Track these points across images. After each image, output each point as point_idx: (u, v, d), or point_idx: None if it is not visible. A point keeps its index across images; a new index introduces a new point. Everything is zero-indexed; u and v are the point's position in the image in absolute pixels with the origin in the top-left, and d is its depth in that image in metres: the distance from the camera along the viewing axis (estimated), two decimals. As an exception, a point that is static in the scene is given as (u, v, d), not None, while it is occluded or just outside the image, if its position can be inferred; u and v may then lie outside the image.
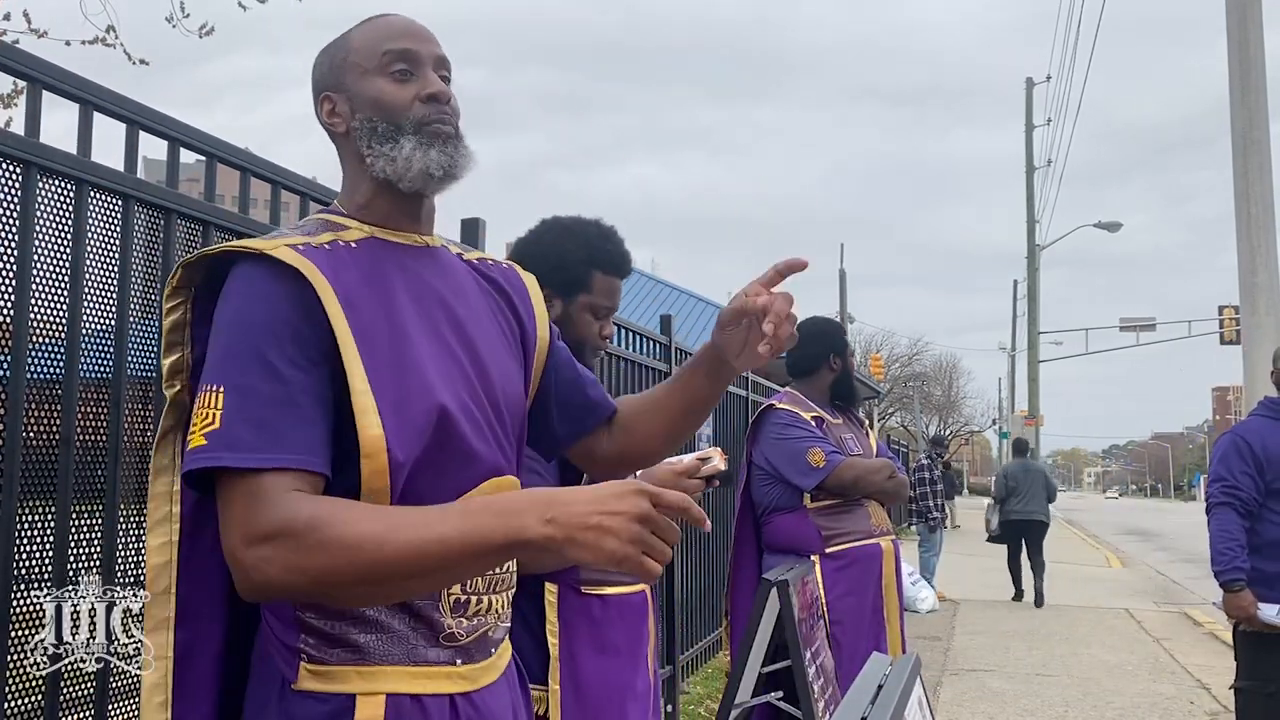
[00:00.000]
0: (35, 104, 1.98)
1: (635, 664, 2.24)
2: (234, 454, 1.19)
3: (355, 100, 1.42)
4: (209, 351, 1.27)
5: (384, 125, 1.40)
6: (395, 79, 1.41)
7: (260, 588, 1.20)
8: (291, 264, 1.28)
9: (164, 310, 1.34)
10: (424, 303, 1.39)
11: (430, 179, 1.39)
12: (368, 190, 1.43)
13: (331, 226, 1.41)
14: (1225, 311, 29.33)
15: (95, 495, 2.10)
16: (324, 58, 1.47)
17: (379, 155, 1.39)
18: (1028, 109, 34.37)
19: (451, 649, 1.34)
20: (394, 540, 1.17)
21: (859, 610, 3.60)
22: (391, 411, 1.26)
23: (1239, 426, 3.88)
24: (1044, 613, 10.52)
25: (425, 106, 1.40)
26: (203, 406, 1.23)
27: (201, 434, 1.21)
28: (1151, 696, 6.66)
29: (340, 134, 1.45)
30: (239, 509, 1.19)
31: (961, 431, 56.39)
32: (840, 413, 3.96)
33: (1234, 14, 9.37)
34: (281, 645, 1.29)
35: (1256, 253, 9.11)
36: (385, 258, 1.39)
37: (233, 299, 1.28)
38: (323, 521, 1.17)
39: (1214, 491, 3.76)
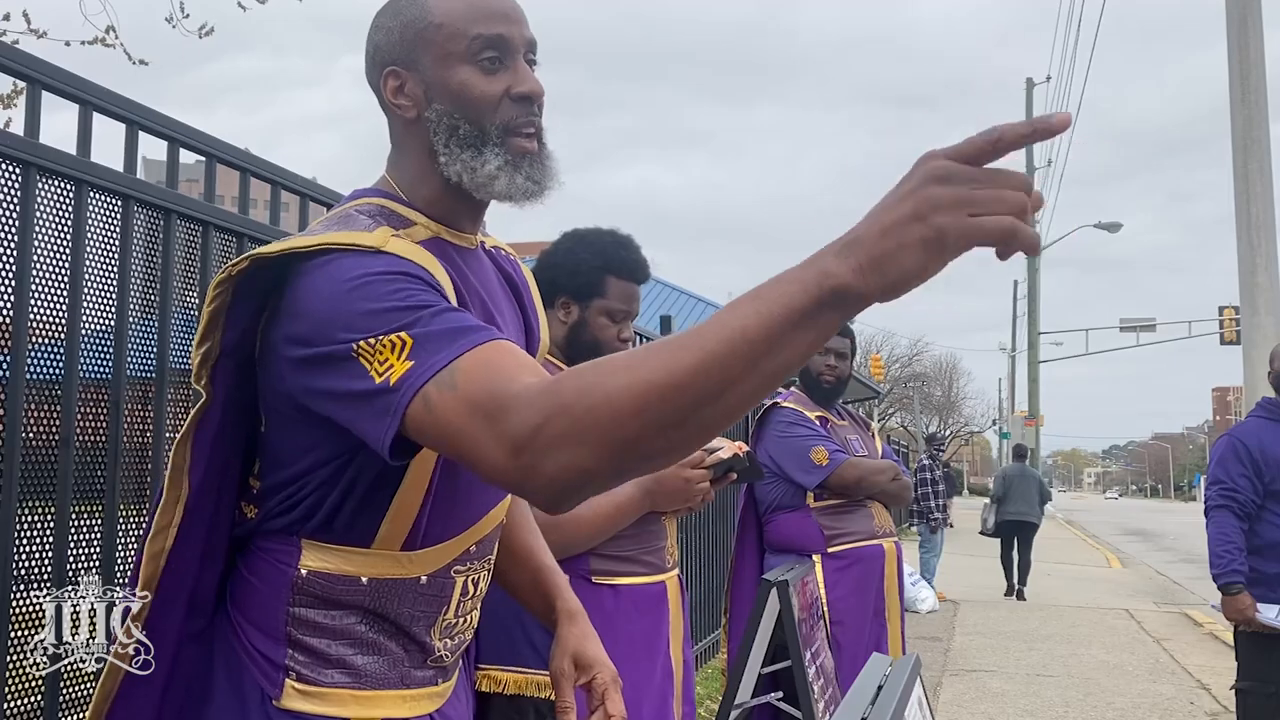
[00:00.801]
0: (35, 104, 1.98)
1: (652, 656, 2.25)
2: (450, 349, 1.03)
3: (432, 86, 1.25)
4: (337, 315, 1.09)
5: (467, 127, 1.24)
6: (484, 69, 1.24)
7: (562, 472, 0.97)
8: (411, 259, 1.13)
9: (209, 297, 1.19)
10: (476, 305, 1.28)
11: (511, 201, 1.26)
12: (436, 187, 1.28)
13: (397, 220, 1.24)
14: (1225, 312, 29.33)
15: (95, 496, 2.10)
16: (391, 21, 1.28)
17: (456, 160, 1.24)
18: (1028, 109, 34.37)
19: (434, 669, 1.32)
20: (686, 363, 0.91)
21: (860, 611, 3.60)
22: None
23: (1236, 429, 3.89)
24: (1044, 613, 10.52)
25: (515, 107, 1.24)
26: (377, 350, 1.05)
27: (404, 359, 1.03)
28: (1151, 697, 6.66)
29: (408, 119, 1.27)
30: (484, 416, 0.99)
31: (961, 432, 56.41)
32: (846, 414, 3.95)
33: (1234, 16, 9.37)
34: (261, 657, 1.23)
35: (1257, 253, 9.11)
36: (450, 260, 1.25)
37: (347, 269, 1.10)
38: (586, 370, 0.97)
39: (1212, 494, 3.76)
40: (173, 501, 1.23)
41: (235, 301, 1.19)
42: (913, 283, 0.88)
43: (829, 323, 0.90)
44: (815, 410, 3.76)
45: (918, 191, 0.86)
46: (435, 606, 1.29)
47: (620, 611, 2.18)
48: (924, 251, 0.86)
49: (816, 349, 0.95)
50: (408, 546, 1.25)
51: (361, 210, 1.24)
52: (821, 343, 0.94)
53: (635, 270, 2.31)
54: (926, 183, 0.86)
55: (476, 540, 1.34)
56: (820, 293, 0.88)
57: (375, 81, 1.30)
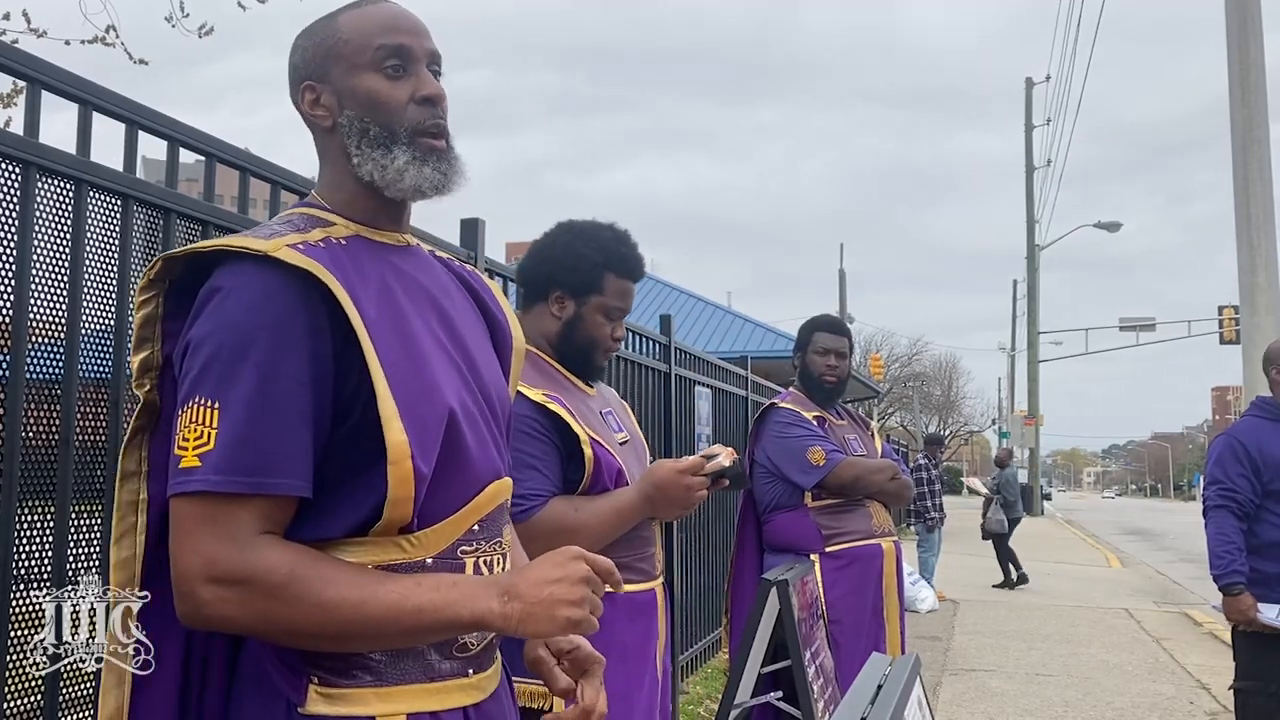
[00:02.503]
0: (34, 104, 1.98)
1: (643, 663, 2.24)
2: (223, 476, 1.15)
3: (343, 95, 1.34)
4: (200, 357, 1.19)
5: (376, 129, 1.33)
6: (388, 76, 1.33)
7: (209, 623, 1.17)
8: (300, 266, 1.21)
9: (136, 304, 1.28)
10: (417, 302, 1.34)
11: (421, 194, 1.35)
12: (352, 189, 1.36)
13: (319, 222, 1.33)
14: (1225, 311, 29.37)
15: (94, 495, 2.10)
16: (306, 41, 1.38)
17: (368, 159, 1.33)
18: (1027, 109, 34.38)
19: (464, 659, 1.32)
20: (370, 607, 1.17)
21: (858, 610, 3.60)
22: (408, 416, 1.22)
23: (1234, 428, 3.87)
24: (1043, 613, 10.52)
25: (420, 110, 1.34)
26: (196, 422, 1.16)
27: (195, 453, 1.15)
28: (1151, 696, 6.66)
29: (325, 128, 1.36)
30: (212, 541, 1.15)
31: (961, 432, 56.40)
32: (845, 414, 3.95)
33: (1234, 15, 9.37)
34: (282, 665, 1.24)
35: (1256, 253, 9.11)
36: (375, 257, 1.33)
37: (229, 300, 1.20)
38: (302, 579, 1.16)
39: (1210, 494, 3.74)
40: (129, 507, 1.26)
41: (171, 311, 1.28)
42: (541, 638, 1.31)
43: (469, 630, 1.25)
44: (813, 410, 3.76)
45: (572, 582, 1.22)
46: None
47: (614, 619, 2.18)
48: (564, 627, 1.21)
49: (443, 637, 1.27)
50: (405, 530, 1.26)
51: (284, 218, 1.35)
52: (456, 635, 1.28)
53: (634, 268, 2.30)
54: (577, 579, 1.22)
55: (478, 519, 1.34)
56: (477, 619, 1.21)
57: (295, 97, 1.38)
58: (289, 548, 1.18)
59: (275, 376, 1.18)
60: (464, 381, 1.35)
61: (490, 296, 1.54)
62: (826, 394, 3.79)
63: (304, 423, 1.19)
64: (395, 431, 1.20)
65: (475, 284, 1.53)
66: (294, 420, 1.18)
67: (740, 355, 8.69)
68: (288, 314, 1.20)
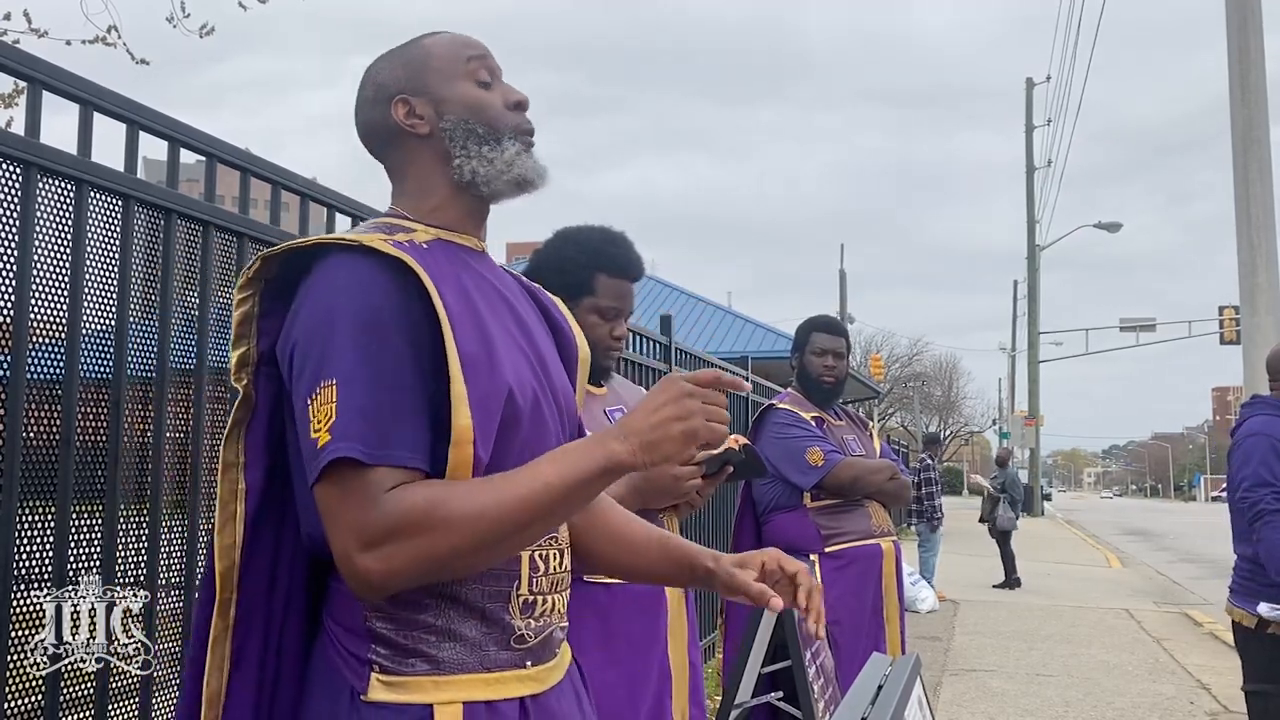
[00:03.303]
0: (35, 104, 1.98)
1: (647, 656, 2.24)
2: (350, 444, 1.20)
3: (441, 103, 1.42)
4: (313, 345, 1.25)
5: (483, 129, 1.41)
6: (481, 85, 1.44)
7: (383, 585, 1.22)
8: (394, 255, 1.27)
9: (235, 302, 1.34)
10: (491, 300, 1.39)
11: (522, 185, 1.43)
12: (444, 193, 1.43)
13: (400, 229, 1.39)
14: (1225, 312, 29.36)
15: (95, 496, 2.10)
16: (393, 62, 1.46)
17: (474, 156, 1.41)
18: (1028, 109, 34.35)
19: (521, 651, 1.34)
20: (506, 500, 1.23)
21: (858, 610, 3.60)
22: (476, 403, 1.27)
23: (1260, 426, 3.63)
24: (1044, 613, 10.53)
25: (515, 114, 1.45)
26: (322, 404, 1.23)
27: (325, 430, 1.21)
28: (1152, 696, 6.66)
29: (421, 135, 1.42)
30: (353, 509, 1.21)
31: (961, 432, 56.40)
32: (843, 414, 3.95)
33: (1234, 16, 9.38)
34: (349, 655, 1.28)
35: (1256, 253, 9.12)
36: (454, 258, 1.39)
37: (331, 289, 1.27)
38: (440, 502, 1.21)
39: (1264, 496, 3.51)
40: (230, 495, 1.33)
41: (267, 309, 1.34)
42: (669, 461, 1.28)
43: (606, 483, 1.28)
44: (811, 411, 3.76)
45: (677, 401, 1.26)
46: (506, 582, 1.33)
47: (615, 610, 2.18)
48: (681, 441, 1.26)
49: (593, 499, 1.36)
50: None
51: (367, 226, 1.42)
52: (599, 493, 1.32)
53: (626, 267, 2.29)
54: (680, 396, 1.26)
55: None
56: (606, 463, 1.26)
57: (381, 115, 1.44)
58: (419, 484, 1.23)
59: (383, 354, 1.24)
60: (534, 374, 1.39)
61: (555, 307, 1.60)
62: (825, 394, 3.79)
63: (414, 400, 1.25)
64: (462, 415, 1.25)
65: (540, 295, 1.60)
66: (404, 396, 1.24)
67: (740, 355, 8.69)
68: (387, 298, 1.26)
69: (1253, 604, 3.62)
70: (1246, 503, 3.58)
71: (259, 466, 1.33)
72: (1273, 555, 3.50)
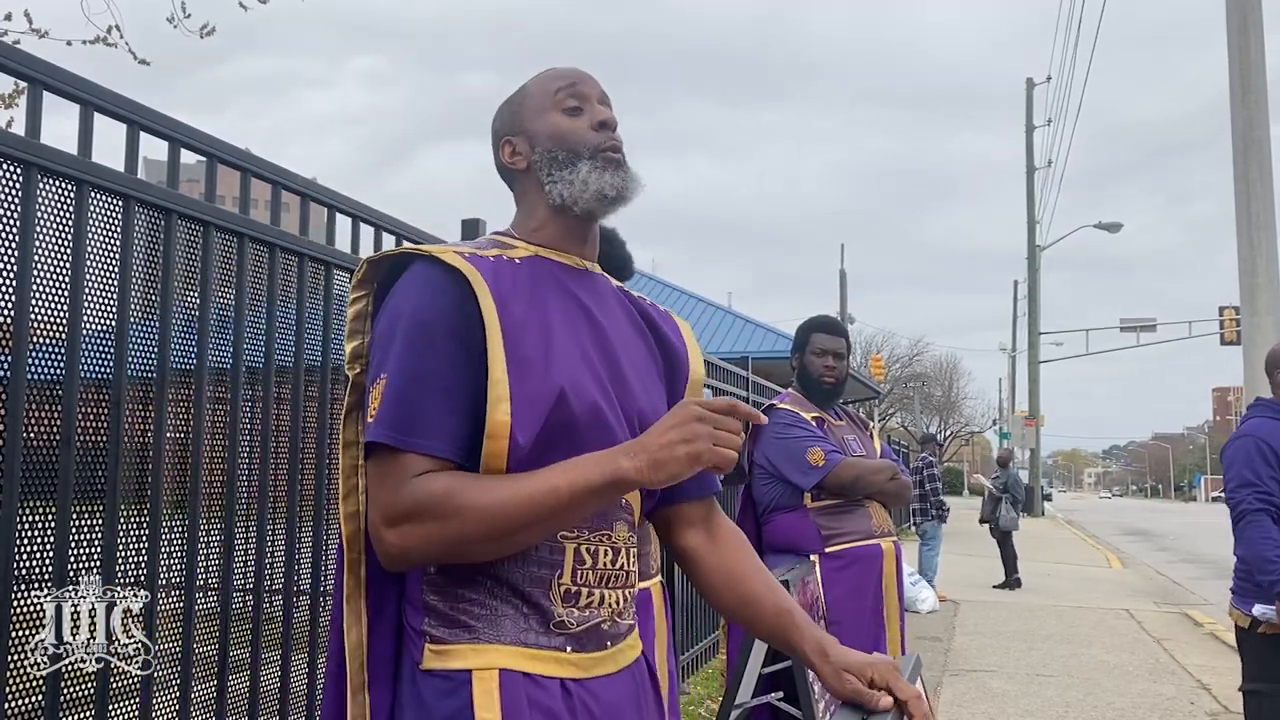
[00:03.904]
0: (36, 105, 1.98)
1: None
2: (384, 430, 1.35)
3: (534, 137, 1.57)
4: (379, 342, 1.42)
5: (563, 154, 1.54)
6: (569, 114, 1.57)
7: (400, 558, 1.36)
8: (454, 265, 1.41)
9: (350, 300, 1.51)
10: (571, 315, 1.49)
11: (604, 199, 1.53)
12: (542, 215, 1.56)
13: (500, 245, 1.54)
14: (1225, 312, 29.37)
15: (96, 496, 2.10)
16: (503, 110, 1.63)
17: (558, 180, 1.54)
18: (1028, 109, 34.35)
19: (562, 636, 1.42)
20: (516, 499, 1.33)
21: (858, 610, 3.60)
22: (523, 402, 1.37)
23: (1253, 429, 3.70)
24: (1044, 613, 10.53)
25: (598, 134, 1.56)
26: (376, 394, 1.38)
27: (373, 415, 1.37)
28: (1152, 697, 6.66)
29: (521, 170, 1.58)
30: (383, 488, 1.35)
31: (962, 432, 56.41)
32: (843, 414, 3.95)
33: (1234, 17, 9.38)
34: (413, 631, 1.41)
35: (1257, 253, 9.12)
36: (545, 275, 1.51)
37: (400, 294, 1.43)
38: (455, 492, 1.33)
39: (1245, 497, 3.58)
40: (351, 470, 1.47)
41: (376, 309, 1.49)
42: (673, 480, 1.35)
43: (611, 496, 1.40)
44: (812, 411, 3.76)
45: (686, 425, 1.34)
46: (548, 570, 1.42)
47: None
48: (687, 462, 1.33)
49: (601, 507, 1.43)
50: None
51: (470, 242, 1.55)
52: (603, 506, 1.43)
53: (618, 267, 2.28)
54: (690, 420, 1.34)
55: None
56: (611, 477, 1.35)
57: (497, 156, 1.62)
58: (444, 474, 1.36)
59: (429, 354, 1.38)
60: (599, 387, 1.47)
61: (674, 331, 1.70)
62: (825, 395, 3.79)
63: (451, 396, 1.37)
64: (500, 411, 1.36)
65: (657, 318, 1.68)
66: (439, 392, 1.37)
67: (741, 355, 8.69)
68: (446, 305, 1.40)
69: (1249, 604, 3.65)
70: (1231, 503, 3.66)
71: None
72: (1253, 554, 3.57)
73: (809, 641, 1.56)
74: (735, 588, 1.62)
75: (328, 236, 2.98)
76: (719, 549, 1.64)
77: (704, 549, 1.64)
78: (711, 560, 1.63)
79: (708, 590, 1.64)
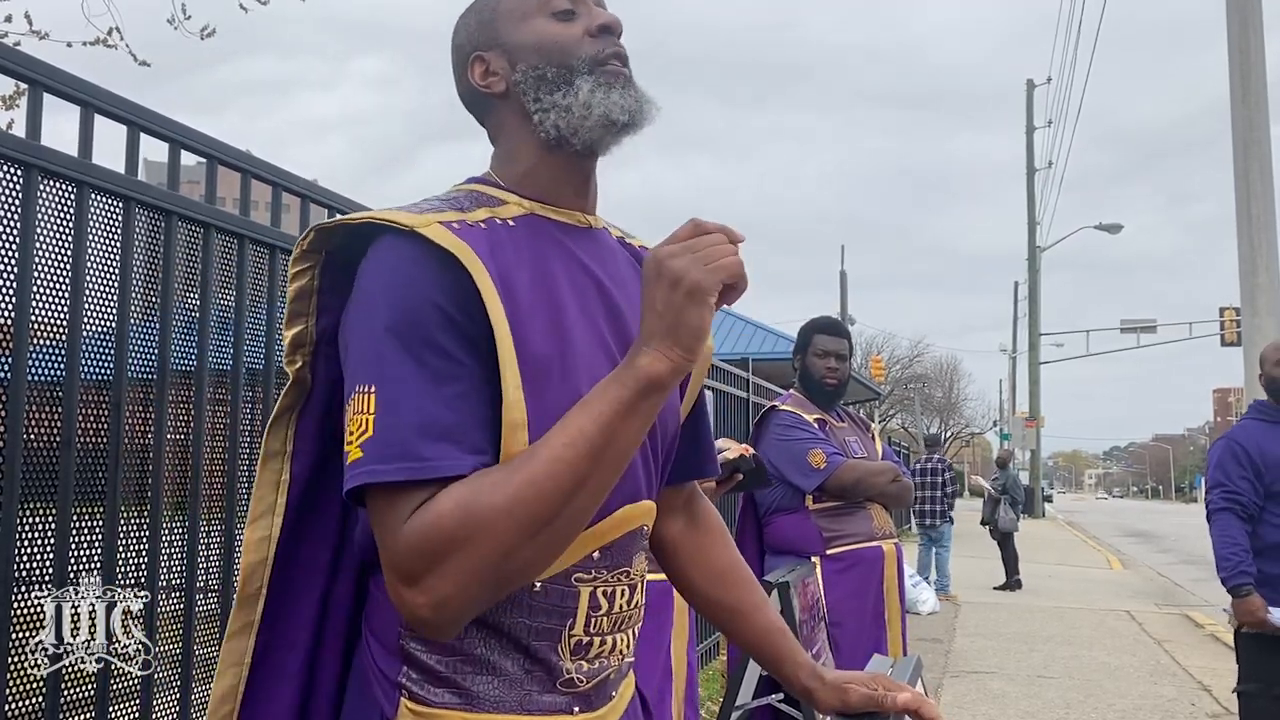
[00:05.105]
0: (36, 106, 1.98)
1: (653, 654, 2.23)
2: (389, 465, 1.04)
3: (514, 51, 1.24)
4: (352, 342, 1.12)
5: (553, 70, 1.22)
6: (558, 18, 1.24)
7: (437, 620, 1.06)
8: (446, 247, 1.10)
9: (290, 276, 1.19)
10: (581, 290, 1.21)
11: (612, 126, 1.21)
12: (530, 155, 1.24)
13: (486, 200, 1.22)
14: (1226, 313, 29.37)
15: (96, 498, 2.10)
16: (469, 19, 1.30)
17: (550, 106, 1.21)
18: (1028, 111, 34.35)
19: (569, 695, 1.18)
20: (541, 470, 1.04)
21: (859, 612, 3.60)
22: (541, 418, 1.10)
23: (1232, 431, 3.88)
24: (1045, 615, 10.52)
25: (597, 41, 1.23)
26: (358, 411, 1.07)
27: (358, 444, 1.06)
28: (1153, 699, 6.66)
29: (498, 95, 1.25)
30: (390, 535, 1.05)
31: (963, 434, 56.41)
32: (845, 416, 3.95)
33: (1234, 18, 9.38)
34: (382, 675, 1.15)
35: (1257, 254, 9.12)
36: (544, 238, 1.21)
37: (378, 280, 1.11)
38: (469, 503, 1.03)
39: (1214, 497, 3.74)
40: (269, 486, 1.19)
41: (326, 285, 1.19)
42: (701, 335, 1.06)
43: (652, 406, 1.08)
44: (814, 413, 3.76)
45: (662, 273, 1.06)
46: (558, 620, 1.16)
47: None
48: (694, 305, 1.05)
49: (645, 430, 1.10)
50: None
51: (448, 196, 1.23)
52: (648, 424, 1.10)
53: None
54: (663, 263, 1.06)
55: (600, 545, 1.20)
56: (638, 384, 1.06)
57: (463, 81, 1.28)
58: (445, 492, 1.05)
59: (425, 358, 1.08)
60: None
61: None
62: (827, 396, 3.79)
63: (467, 399, 1.09)
64: (517, 444, 1.10)
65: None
66: (451, 397, 1.08)
67: (741, 357, 8.68)
68: (433, 292, 1.09)
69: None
70: (1206, 503, 3.83)
71: (308, 456, 1.19)
72: (1216, 550, 3.72)
73: (803, 670, 1.41)
74: (716, 588, 1.46)
75: (328, 238, 2.98)
76: (701, 540, 1.47)
77: (684, 539, 1.46)
78: (692, 552, 1.45)
79: (684, 585, 1.48)
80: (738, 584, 1.47)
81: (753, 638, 1.46)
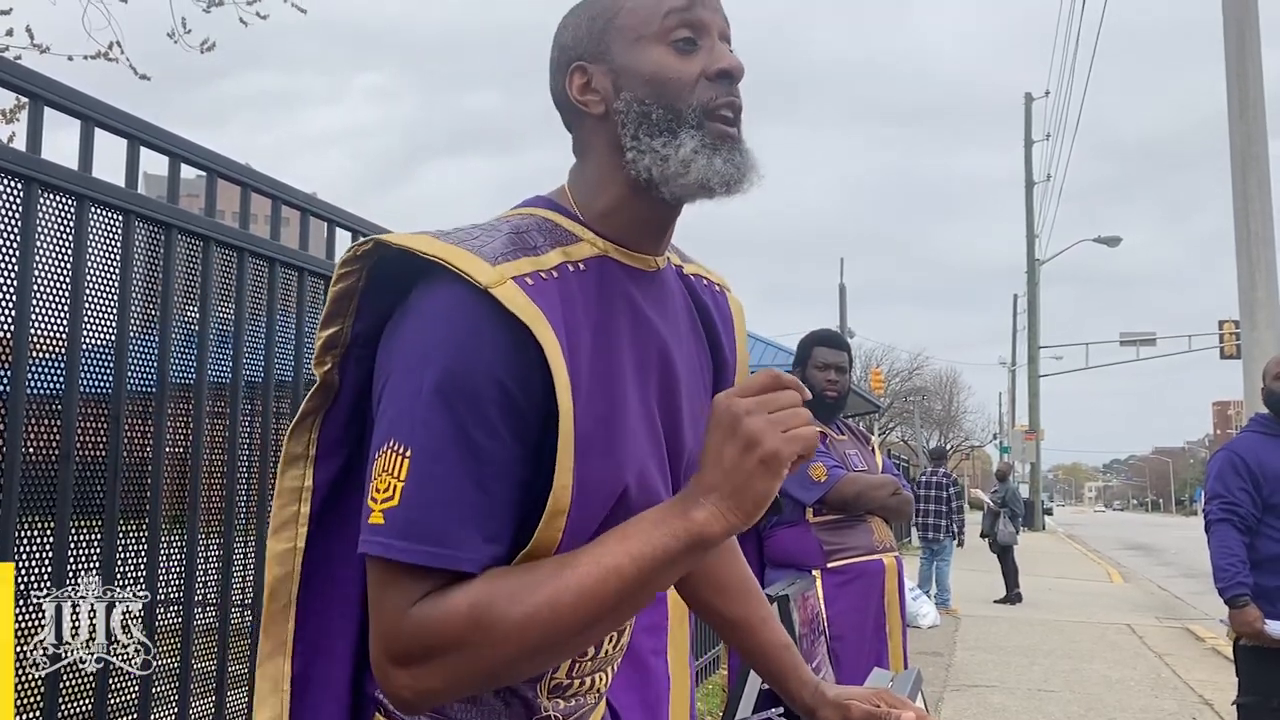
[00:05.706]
0: (37, 120, 1.99)
1: (657, 659, 2.23)
2: (407, 544, 0.99)
3: (622, 74, 1.14)
4: (392, 389, 1.03)
5: (660, 112, 1.12)
6: (677, 50, 1.13)
7: (417, 704, 1.03)
8: (518, 315, 1.01)
9: (334, 278, 1.10)
10: (640, 348, 1.15)
11: (707, 193, 1.13)
12: (617, 194, 1.15)
13: (560, 237, 1.13)
14: (1225, 326, 29.37)
15: (95, 510, 2.10)
16: (579, 18, 1.19)
17: (647, 151, 1.12)
18: (1026, 124, 34.45)
19: None
20: (566, 597, 0.99)
21: (860, 626, 3.59)
22: (580, 489, 1.05)
23: (1232, 443, 3.90)
24: (1045, 628, 10.50)
25: (713, 86, 1.13)
26: (386, 471, 1.00)
27: (381, 508, 1.00)
28: (1154, 712, 6.64)
29: (595, 116, 1.16)
30: (389, 609, 1.00)
31: (962, 446, 56.38)
32: (845, 429, 3.95)
33: (1232, 32, 9.41)
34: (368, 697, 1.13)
35: (1256, 267, 9.13)
36: (612, 286, 1.14)
37: (435, 332, 1.02)
38: (484, 609, 0.98)
39: (1212, 509, 3.75)
40: (291, 495, 1.13)
41: (371, 287, 1.10)
42: (764, 504, 1.00)
43: (697, 560, 1.03)
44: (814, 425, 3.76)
45: (738, 431, 0.99)
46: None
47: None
48: (767, 474, 0.99)
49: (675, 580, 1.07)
50: None
51: (523, 224, 1.13)
52: (680, 575, 1.06)
53: None
54: (740, 421, 0.99)
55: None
56: (690, 539, 0.99)
57: (559, 86, 1.19)
58: (467, 586, 1.00)
59: (473, 431, 1.00)
60: (659, 458, 1.17)
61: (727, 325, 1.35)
62: (827, 409, 3.79)
63: (501, 481, 1.02)
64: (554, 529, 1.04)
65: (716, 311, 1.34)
66: (486, 479, 1.01)
67: (741, 370, 8.67)
68: (495, 362, 1.01)
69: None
70: (1204, 514, 3.85)
71: (332, 463, 1.13)
72: (1214, 561, 3.74)
73: (803, 685, 1.42)
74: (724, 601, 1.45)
75: (328, 251, 2.98)
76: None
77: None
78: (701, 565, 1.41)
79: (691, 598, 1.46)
80: (746, 598, 1.47)
81: (758, 652, 1.46)
